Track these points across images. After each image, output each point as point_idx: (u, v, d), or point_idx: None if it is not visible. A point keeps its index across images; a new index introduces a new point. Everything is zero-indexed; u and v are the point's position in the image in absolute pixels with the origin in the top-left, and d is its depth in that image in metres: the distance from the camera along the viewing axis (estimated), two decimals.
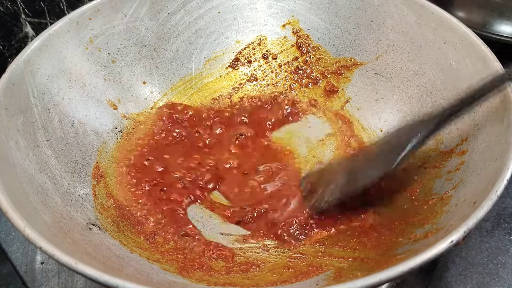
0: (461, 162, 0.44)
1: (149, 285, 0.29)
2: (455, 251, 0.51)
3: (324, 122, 0.60)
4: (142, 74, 0.60)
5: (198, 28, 0.62)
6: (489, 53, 0.46)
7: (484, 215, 0.33)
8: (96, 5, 0.55)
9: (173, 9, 0.60)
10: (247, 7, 0.63)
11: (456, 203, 0.39)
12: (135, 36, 0.59)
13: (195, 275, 0.42)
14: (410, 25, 0.54)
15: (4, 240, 0.54)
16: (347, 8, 0.59)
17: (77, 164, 0.49)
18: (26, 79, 0.47)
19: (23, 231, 0.33)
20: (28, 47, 0.48)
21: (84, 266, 0.31)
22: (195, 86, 0.63)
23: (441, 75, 0.51)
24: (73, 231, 0.40)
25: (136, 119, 0.58)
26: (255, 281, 0.42)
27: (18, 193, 0.38)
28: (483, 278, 0.49)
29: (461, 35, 0.49)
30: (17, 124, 0.44)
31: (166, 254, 0.45)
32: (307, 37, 0.63)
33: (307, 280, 0.41)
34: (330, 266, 0.43)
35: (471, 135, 0.44)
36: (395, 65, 0.56)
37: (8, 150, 0.41)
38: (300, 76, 0.63)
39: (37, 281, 0.50)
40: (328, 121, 0.60)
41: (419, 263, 0.30)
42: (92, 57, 0.55)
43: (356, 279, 0.29)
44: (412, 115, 0.53)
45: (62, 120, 0.50)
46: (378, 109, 0.57)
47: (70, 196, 0.45)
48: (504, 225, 0.53)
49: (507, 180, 0.35)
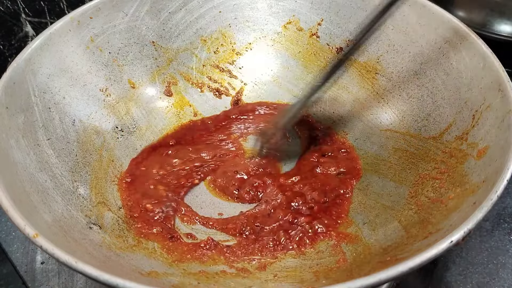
0: (461, 162, 0.44)
1: (149, 285, 0.29)
2: (455, 251, 0.51)
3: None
4: (143, 73, 0.60)
5: (199, 27, 0.62)
6: (489, 52, 0.46)
7: (484, 215, 0.33)
8: (97, 4, 0.55)
9: (174, 8, 0.60)
10: (248, 6, 0.63)
11: (456, 204, 0.39)
12: (136, 35, 0.59)
13: (196, 273, 0.42)
14: (411, 25, 0.54)
15: (4, 240, 0.54)
16: (348, 8, 0.59)
17: (78, 163, 0.49)
18: (27, 78, 0.47)
19: (24, 230, 0.33)
20: (29, 46, 0.48)
21: (84, 265, 0.31)
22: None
23: (442, 74, 0.51)
24: (74, 230, 0.40)
25: (137, 118, 0.58)
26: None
27: (18, 192, 0.38)
28: (483, 278, 0.49)
29: (462, 35, 0.49)
30: (18, 123, 0.44)
31: (167, 253, 0.45)
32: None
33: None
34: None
35: (471, 136, 0.44)
36: (395, 65, 0.56)
37: (8, 149, 0.41)
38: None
39: (37, 281, 0.50)
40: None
41: (419, 263, 0.30)
42: (93, 56, 0.55)
43: (356, 279, 0.29)
44: (412, 115, 0.53)
45: (62, 119, 0.50)
46: (378, 109, 0.57)
47: (71, 195, 0.45)
48: (504, 225, 0.53)
49: (507, 180, 0.35)
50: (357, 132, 0.57)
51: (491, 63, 0.45)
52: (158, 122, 0.59)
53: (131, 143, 0.56)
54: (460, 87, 0.48)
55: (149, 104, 0.59)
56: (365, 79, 0.59)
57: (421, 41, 0.53)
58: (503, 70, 0.44)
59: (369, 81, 0.59)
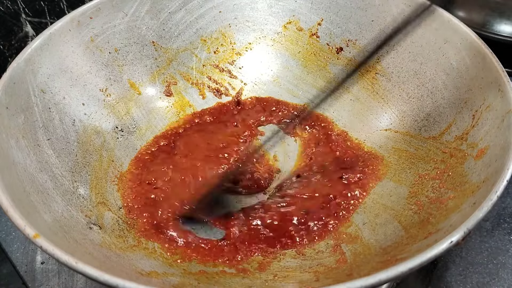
0: (461, 162, 0.44)
1: (149, 285, 0.29)
2: (455, 251, 0.51)
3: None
4: (143, 73, 0.60)
5: (199, 27, 0.62)
6: (489, 53, 0.46)
7: (484, 215, 0.33)
8: (97, 4, 0.55)
9: (174, 8, 0.60)
10: (248, 6, 0.63)
11: (456, 204, 0.39)
12: (136, 35, 0.59)
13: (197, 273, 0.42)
14: (411, 25, 0.54)
15: (4, 240, 0.54)
16: (348, 8, 0.59)
17: (78, 163, 0.49)
18: (27, 78, 0.47)
19: (24, 230, 0.33)
20: (29, 46, 0.48)
21: (84, 265, 0.31)
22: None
23: (442, 75, 0.51)
24: (74, 230, 0.40)
25: (137, 118, 0.58)
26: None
27: (18, 192, 0.38)
28: (483, 278, 0.49)
29: (462, 35, 0.49)
30: (18, 123, 0.44)
31: (167, 253, 0.45)
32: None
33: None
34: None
35: (471, 136, 0.44)
36: (395, 65, 0.56)
37: (8, 149, 0.41)
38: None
39: (37, 281, 0.50)
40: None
41: (419, 263, 0.30)
42: (93, 56, 0.55)
43: (356, 279, 0.29)
44: (412, 115, 0.53)
45: (62, 119, 0.50)
46: (378, 109, 0.57)
47: (71, 195, 0.45)
48: (504, 225, 0.53)
49: (507, 180, 0.35)
50: (357, 132, 0.58)
51: (491, 63, 0.45)
52: (158, 122, 0.59)
53: (131, 143, 0.56)
54: (460, 87, 0.48)
55: (149, 104, 0.59)
56: (365, 79, 0.59)
57: (421, 41, 0.53)
58: (503, 70, 0.44)
59: (369, 81, 0.59)
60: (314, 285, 0.40)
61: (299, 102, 0.62)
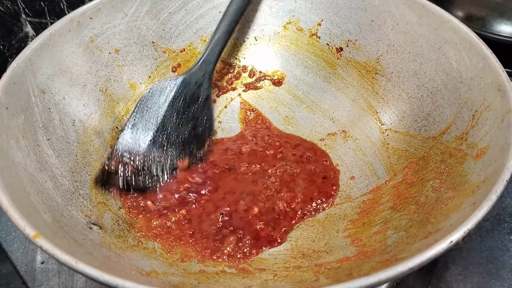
0: (461, 162, 0.44)
1: (149, 285, 0.29)
2: (455, 251, 0.51)
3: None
4: (143, 73, 0.60)
5: (199, 27, 0.62)
6: (489, 53, 0.46)
7: (484, 215, 0.33)
8: (97, 4, 0.55)
9: (173, 8, 0.60)
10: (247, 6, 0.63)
11: (456, 204, 0.39)
12: (136, 35, 0.59)
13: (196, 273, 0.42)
14: (411, 25, 0.54)
15: (4, 240, 0.54)
16: (347, 8, 0.59)
17: (78, 163, 0.49)
18: (27, 78, 0.47)
19: (24, 230, 0.33)
20: (29, 46, 0.49)
21: (84, 265, 0.31)
22: None
23: (442, 75, 0.51)
24: (74, 230, 0.40)
25: None
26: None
27: (18, 192, 0.38)
28: (483, 278, 0.49)
29: (462, 35, 0.49)
30: (18, 123, 0.44)
31: (168, 253, 0.45)
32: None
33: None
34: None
35: (471, 135, 0.44)
36: (395, 65, 0.56)
37: (8, 149, 0.41)
38: None
39: (37, 281, 0.50)
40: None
41: (419, 263, 0.30)
42: (93, 56, 0.55)
43: (356, 279, 0.29)
44: (412, 115, 0.53)
45: (62, 119, 0.50)
46: (378, 109, 0.57)
47: (71, 195, 0.45)
48: (504, 225, 0.53)
49: (507, 180, 0.35)
50: (357, 132, 0.58)
51: (491, 63, 0.45)
52: None
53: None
54: (460, 87, 0.48)
55: None
56: (365, 79, 0.59)
57: (421, 41, 0.53)
58: (503, 70, 0.44)
59: (369, 81, 0.59)
60: (314, 285, 0.40)
61: (299, 102, 0.62)
